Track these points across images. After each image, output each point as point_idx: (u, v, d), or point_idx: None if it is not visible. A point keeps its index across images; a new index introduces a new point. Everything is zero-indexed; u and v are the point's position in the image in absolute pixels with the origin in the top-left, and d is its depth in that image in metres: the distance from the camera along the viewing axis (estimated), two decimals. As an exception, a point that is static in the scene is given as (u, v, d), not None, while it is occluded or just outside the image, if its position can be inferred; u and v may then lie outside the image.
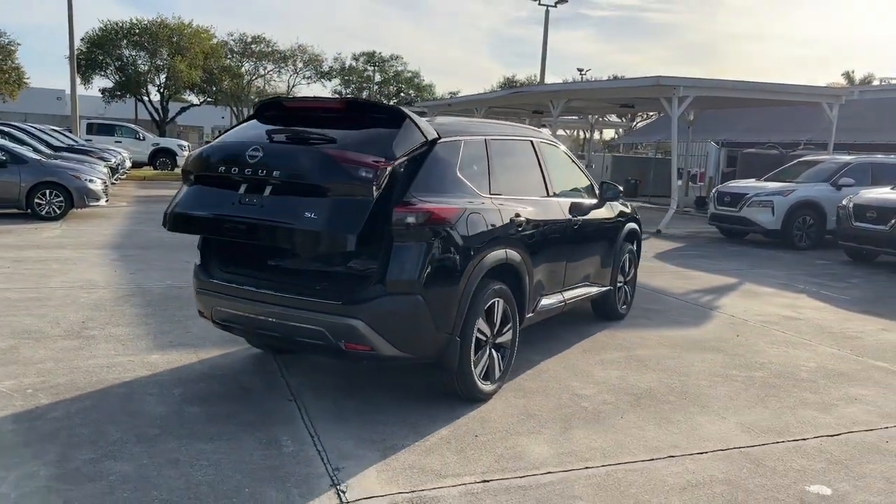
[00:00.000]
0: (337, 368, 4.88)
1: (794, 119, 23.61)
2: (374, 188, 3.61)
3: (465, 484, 3.34)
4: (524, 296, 4.74)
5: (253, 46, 51.80)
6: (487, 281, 4.29)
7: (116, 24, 44.18)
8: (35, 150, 14.00)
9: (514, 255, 4.53)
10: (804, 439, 4.08)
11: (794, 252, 12.48)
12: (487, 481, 3.38)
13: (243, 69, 53.27)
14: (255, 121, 4.40)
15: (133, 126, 28.06)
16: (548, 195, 5.28)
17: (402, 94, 57.87)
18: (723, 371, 5.31)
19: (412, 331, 3.88)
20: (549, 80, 43.89)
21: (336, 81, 57.06)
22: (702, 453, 3.82)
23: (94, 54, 44.29)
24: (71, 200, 12.04)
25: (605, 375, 5.06)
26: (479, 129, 4.72)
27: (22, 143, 14.11)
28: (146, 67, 45.34)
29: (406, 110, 4.09)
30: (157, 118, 46.74)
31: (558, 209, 5.30)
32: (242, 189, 3.83)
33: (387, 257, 3.78)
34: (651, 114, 37.74)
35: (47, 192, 11.91)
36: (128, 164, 21.36)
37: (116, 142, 26.00)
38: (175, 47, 44.59)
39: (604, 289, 6.28)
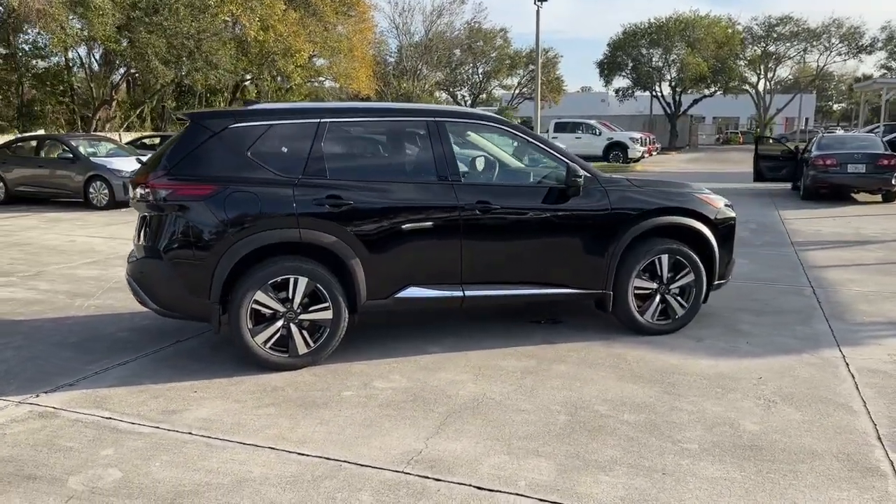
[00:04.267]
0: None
1: None
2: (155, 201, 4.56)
3: (94, 416, 4.01)
4: (353, 279, 4.74)
5: (778, 28, 48.45)
6: (272, 257, 4.60)
7: (636, 26, 47.15)
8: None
9: (320, 236, 4.64)
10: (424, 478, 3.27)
11: None
12: (111, 419, 3.98)
13: (772, 51, 50.27)
14: None
15: (593, 122, 30.20)
16: (439, 180, 4.95)
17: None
18: (584, 405, 4.15)
19: (162, 291, 4.59)
20: None
21: (881, 55, 48.95)
22: (297, 453, 3.53)
23: (615, 57, 48.25)
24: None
25: (452, 378, 4.59)
26: (316, 113, 4.86)
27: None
28: (660, 63, 47.21)
29: (199, 113, 4.77)
30: (669, 112, 48.20)
31: (450, 195, 4.90)
32: None
33: (146, 226, 4.61)
34: None
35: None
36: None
37: (576, 138, 28.62)
38: (687, 41, 45.22)
39: (587, 292, 5.29)
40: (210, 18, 23.91)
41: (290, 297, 4.65)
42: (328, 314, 4.73)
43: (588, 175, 5.25)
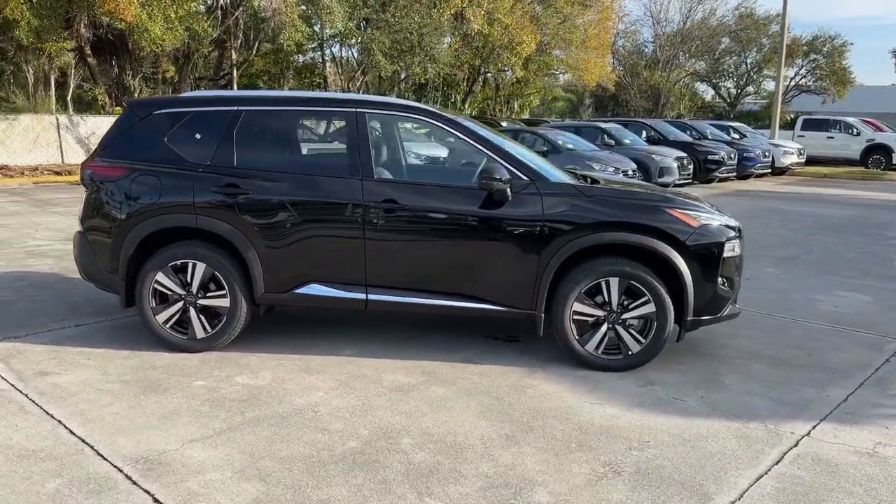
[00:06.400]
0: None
1: None
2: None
3: (-10, 367, 4.53)
4: (249, 269, 4.71)
5: None
6: (172, 240, 4.74)
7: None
8: (616, 143, 16.17)
9: (216, 224, 4.67)
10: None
11: None
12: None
13: None
14: None
15: (850, 120, 25.58)
16: (350, 174, 4.67)
17: None
18: (397, 434, 3.65)
19: (86, 263, 4.97)
20: None
21: None
22: (69, 431, 3.62)
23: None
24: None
25: (314, 383, 4.35)
26: (234, 101, 4.86)
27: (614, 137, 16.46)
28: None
29: (134, 100, 5.00)
30: None
31: (356, 192, 4.59)
32: None
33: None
34: None
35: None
36: (789, 158, 20.62)
37: (828, 137, 24.79)
38: None
39: (511, 310, 4.63)
40: (437, 14, 24.96)
41: (189, 280, 4.76)
42: (226, 302, 4.75)
43: (525, 179, 4.60)
